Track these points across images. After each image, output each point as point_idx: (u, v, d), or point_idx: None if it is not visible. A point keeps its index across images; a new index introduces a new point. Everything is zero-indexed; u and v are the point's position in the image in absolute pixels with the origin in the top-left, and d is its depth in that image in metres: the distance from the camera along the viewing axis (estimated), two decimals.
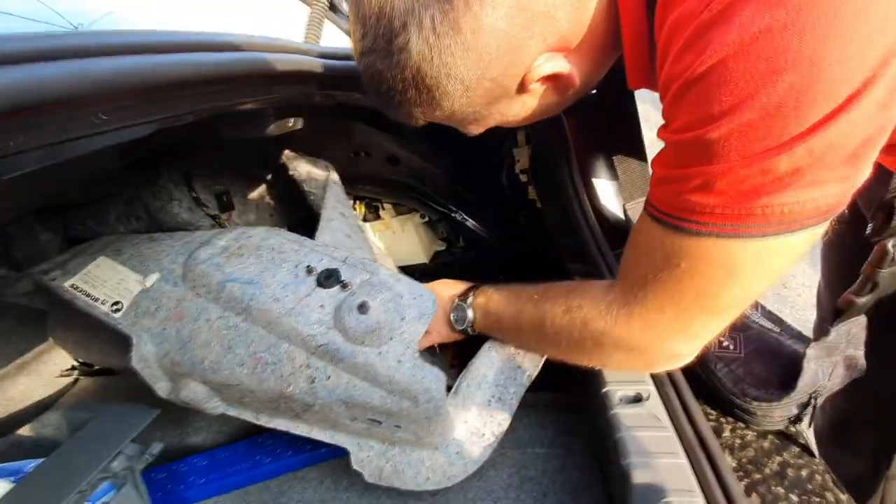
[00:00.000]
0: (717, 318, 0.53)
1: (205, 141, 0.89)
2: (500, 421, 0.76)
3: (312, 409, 0.68)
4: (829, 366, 0.64)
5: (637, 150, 0.89)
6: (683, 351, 0.59)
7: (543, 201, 0.97)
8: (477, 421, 0.76)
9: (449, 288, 0.79)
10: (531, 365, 0.78)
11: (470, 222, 1.19)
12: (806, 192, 0.40)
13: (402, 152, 1.09)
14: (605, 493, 0.78)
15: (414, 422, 0.68)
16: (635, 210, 0.89)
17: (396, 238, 1.26)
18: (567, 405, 1.01)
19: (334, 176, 0.94)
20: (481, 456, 0.73)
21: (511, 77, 0.52)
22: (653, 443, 0.61)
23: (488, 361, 0.79)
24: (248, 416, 0.71)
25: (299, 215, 1.17)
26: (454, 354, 1.31)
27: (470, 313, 0.76)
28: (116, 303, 0.70)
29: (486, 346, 0.80)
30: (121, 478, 0.84)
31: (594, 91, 0.66)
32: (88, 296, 0.71)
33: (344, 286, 0.70)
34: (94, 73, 0.39)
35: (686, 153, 0.44)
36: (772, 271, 0.47)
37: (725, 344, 0.69)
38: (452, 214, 1.17)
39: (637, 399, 0.69)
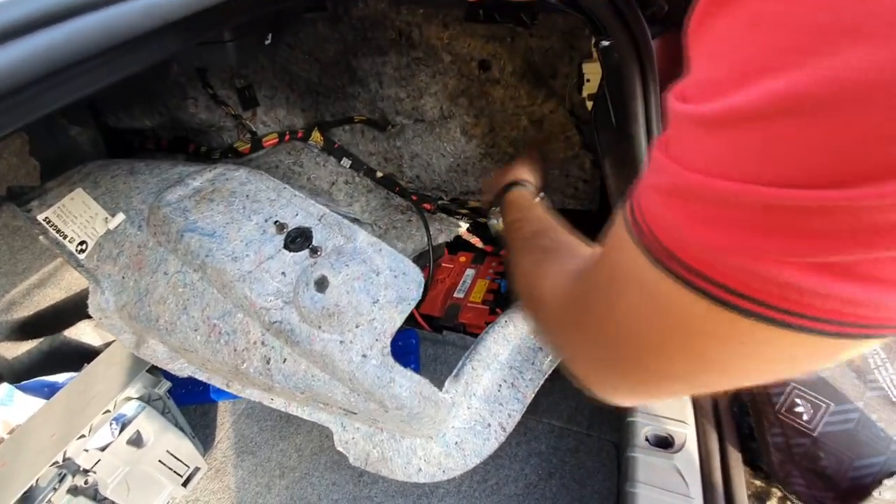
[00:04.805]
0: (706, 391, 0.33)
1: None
2: (511, 412, 0.64)
3: (274, 390, 0.59)
4: None
5: None
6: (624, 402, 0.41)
7: (604, 145, 0.74)
8: (483, 408, 0.65)
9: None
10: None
11: None
12: None
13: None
14: (614, 489, 0.66)
15: (389, 421, 0.58)
16: None
17: None
18: None
19: None
20: (484, 449, 0.63)
21: None
22: None
23: (502, 338, 0.65)
24: (217, 381, 0.64)
25: (332, 112, 1.05)
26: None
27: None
28: (82, 242, 0.64)
29: (502, 318, 0.67)
30: (145, 398, 0.86)
31: None
32: (59, 231, 0.66)
33: (314, 251, 0.57)
34: None
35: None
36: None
37: (800, 409, 0.49)
38: None
39: (666, 443, 0.52)
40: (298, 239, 0.58)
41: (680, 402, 0.56)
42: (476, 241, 1.19)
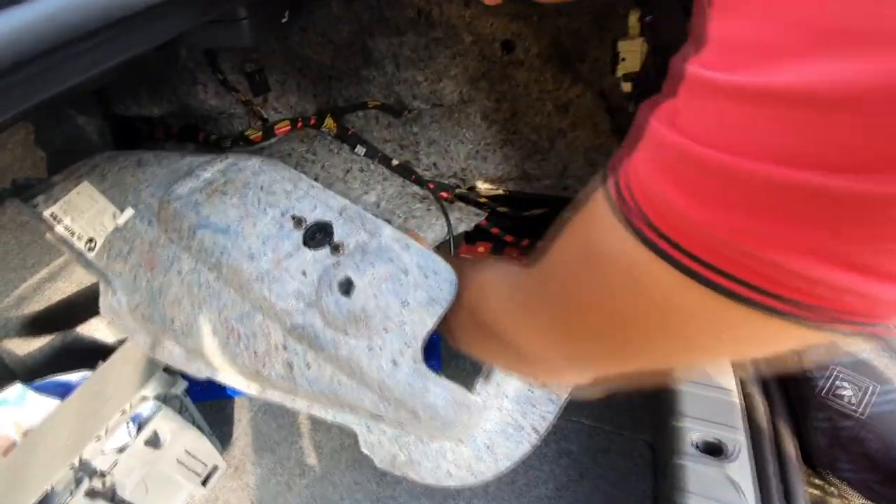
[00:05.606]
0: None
1: None
2: (544, 413, 0.61)
3: (297, 394, 0.56)
4: None
5: None
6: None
7: None
8: (515, 410, 0.62)
9: None
10: None
11: None
12: None
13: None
14: (650, 492, 0.63)
15: (420, 429, 0.55)
16: None
17: None
18: None
19: None
20: (516, 453, 0.60)
21: None
22: None
23: None
24: (238, 383, 0.61)
25: (346, 97, 1.00)
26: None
27: None
28: (91, 239, 0.61)
29: None
30: (162, 398, 0.84)
31: None
32: (66, 228, 0.63)
33: (336, 248, 0.54)
34: None
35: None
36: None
37: (845, 392, 0.46)
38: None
39: (717, 450, 0.49)
40: (318, 235, 0.54)
41: (730, 406, 0.53)
42: (495, 230, 1.15)
